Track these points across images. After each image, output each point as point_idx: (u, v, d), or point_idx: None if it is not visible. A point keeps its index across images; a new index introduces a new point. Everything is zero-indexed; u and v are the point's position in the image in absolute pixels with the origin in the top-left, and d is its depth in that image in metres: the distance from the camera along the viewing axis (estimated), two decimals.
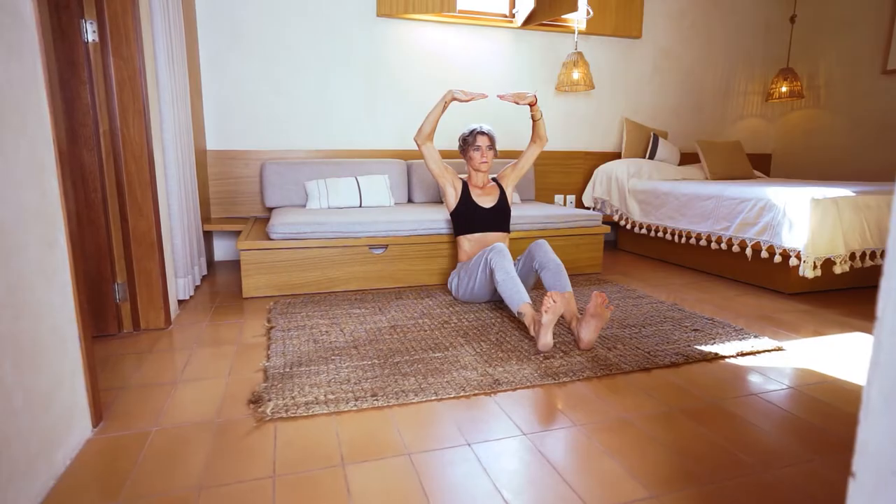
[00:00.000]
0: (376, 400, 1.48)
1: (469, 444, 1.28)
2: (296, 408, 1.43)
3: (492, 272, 2.10)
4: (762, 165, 4.67)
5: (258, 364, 1.76)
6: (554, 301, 1.81)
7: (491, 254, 2.14)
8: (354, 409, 1.45)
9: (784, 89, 4.24)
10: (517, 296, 1.99)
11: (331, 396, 1.50)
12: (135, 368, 1.72)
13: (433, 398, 1.51)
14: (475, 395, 1.54)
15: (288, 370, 1.68)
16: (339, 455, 1.23)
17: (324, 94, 3.44)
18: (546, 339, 1.80)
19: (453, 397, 1.52)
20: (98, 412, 1.35)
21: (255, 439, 1.30)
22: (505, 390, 1.57)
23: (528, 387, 1.59)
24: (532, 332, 1.89)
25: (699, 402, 1.49)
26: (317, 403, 1.45)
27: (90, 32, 1.84)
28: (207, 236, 3.29)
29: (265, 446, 1.27)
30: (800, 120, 4.47)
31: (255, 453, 1.24)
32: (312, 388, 1.55)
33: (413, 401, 1.49)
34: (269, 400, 1.47)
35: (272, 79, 3.33)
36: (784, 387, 1.60)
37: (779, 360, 1.81)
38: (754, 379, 1.66)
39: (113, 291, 2.01)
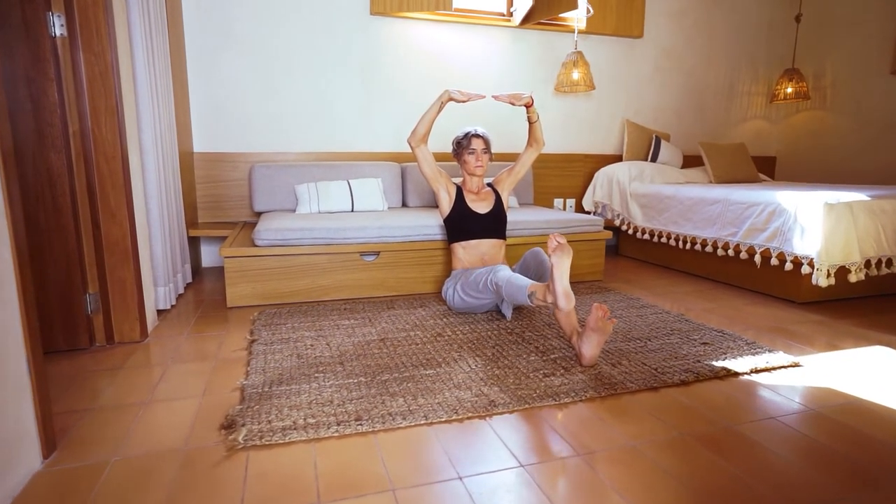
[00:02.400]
0: (360, 425, 1.35)
1: (461, 478, 1.15)
2: (271, 434, 1.30)
3: (497, 289, 1.97)
4: (766, 168, 4.56)
5: (236, 382, 1.63)
6: (558, 241, 1.68)
7: (491, 276, 2.01)
8: (336, 434, 1.32)
9: (789, 90, 4.12)
10: (521, 282, 1.86)
11: (311, 420, 1.37)
12: (103, 387, 1.60)
13: (423, 422, 1.38)
14: (468, 418, 1.41)
15: (267, 389, 1.55)
16: (316, 490, 1.11)
17: (316, 94, 3.32)
18: (563, 284, 1.64)
19: (444, 421, 1.40)
20: (50, 441, 1.22)
21: (224, 471, 1.17)
22: (501, 412, 1.44)
23: (525, 409, 1.46)
24: (549, 300, 1.72)
25: (713, 427, 1.37)
26: (295, 429, 1.33)
27: (58, 26, 1.72)
28: (194, 242, 3.16)
29: (234, 479, 1.14)
30: (805, 121, 4.36)
31: (222, 488, 1.11)
32: (291, 410, 1.42)
33: (401, 425, 1.37)
34: (243, 425, 1.34)
35: (262, 78, 3.22)
36: (805, 408, 1.48)
37: (796, 377, 1.69)
38: (772, 399, 1.53)
39: (84, 302, 1.88)
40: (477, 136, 2.31)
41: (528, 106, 2.26)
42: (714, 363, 1.76)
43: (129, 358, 1.83)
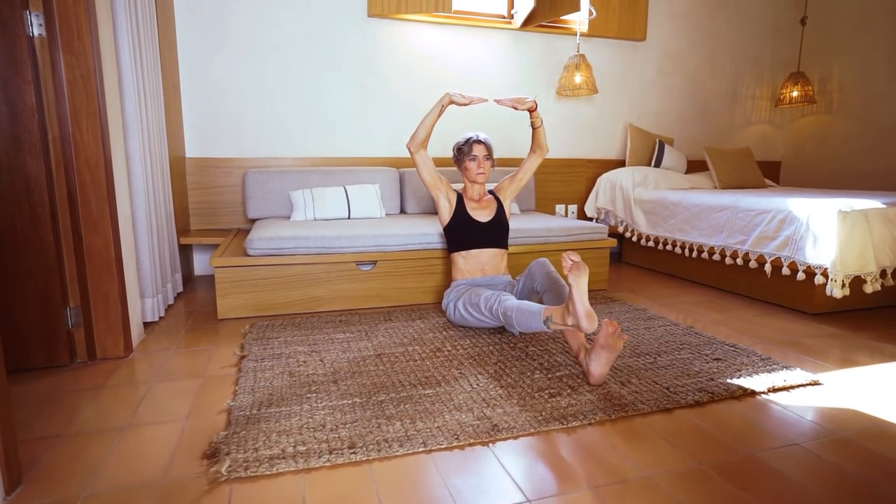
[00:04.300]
0: (354, 453, 1.25)
1: None
2: (257, 464, 1.21)
3: (506, 318, 1.84)
4: (771, 173, 4.48)
5: (223, 403, 1.53)
6: (573, 260, 1.58)
7: (497, 304, 1.89)
8: (327, 464, 1.22)
9: (795, 94, 4.05)
10: (534, 308, 1.73)
11: (301, 448, 1.27)
12: (80, 409, 1.50)
13: (421, 449, 1.29)
14: (470, 444, 1.32)
15: (255, 412, 1.46)
16: None
17: (312, 98, 3.24)
18: (584, 304, 1.53)
19: (445, 448, 1.30)
20: (14, 474, 1.12)
21: None
22: (505, 438, 1.35)
23: (531, 433, 1.37)
24: (569, 323, 1.59)
25: (734, 455, 1.27)
26: (283, 458, 1.23)
27: (35, 26, 1.63)
28: (186, 250, 3.07)
29: None
30: (811, 126, 4.28)
31: None
32: (280, 436, 1.33)
33: (397, 453, 1.27)
34: (228, 454, 1.24)
35: (256, 81, 3.13)
36: (829, 433, 1.38)
37: (817, 396, 1.59)
38: (793, 422, 1.44)
39: (64, 317, 1.79)
40: (479, 141, 2.22)
41: (531, 111, 2.18)
42: (729, 381, 1.67)
43: (111, 376, 1.74)
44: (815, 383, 1.67)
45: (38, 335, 1.76)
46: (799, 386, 1.65)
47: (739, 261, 2.70)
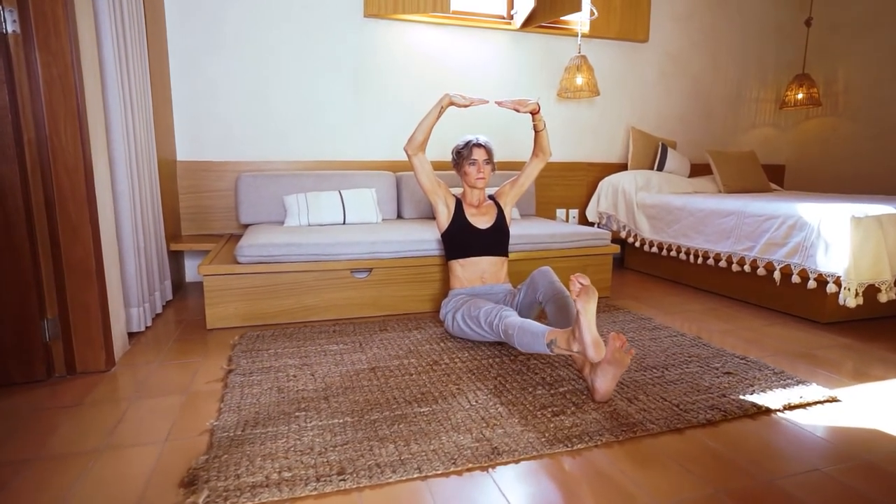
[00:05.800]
0: (343, 480, 1.16)
1: None
2: (238, 493, 1.12)
3: (508, 336, 1.74)
4: (775, 177, 4.40)
5: (205, 423, 1.44)
6: (581, 283, 1.48)
7: (498, 319, 1.80)
8: (314, 493, 1.13)
9: (800, 96, 3.97)
10: (537, 329, 1.64)
11: (286, 475, 1.18)
12: (53, 429, 1.41)
13: (416, 475, 1.20)
14: (468, 469, 1.23)
15: (239, 433, 1.37)
16: None
17: (307, 99, 3.15)
18: (592, 332, 1.45)
19: (441, 473, 1.21)
20: None
21: None
22: (506, 462, 1.26)
23: (533, 457, 1.28)
24: (574, 349, 1.51)
25: (752, 482, 1.19)
26: (266, 486, 1.14)
27: (9, 22, 1.54)
28: (177, 256, 2.98)
29: None
30: (816, 129, 4.21)
31: None
32: (265, 460, 1.24)
33: (390, 480, 1.18)
34: (207, 481, 1.15)
35: (250, 82, 3.04)
36: (852, 456, 1.29)
37: (836, 415, 1.50)
38: (812, 444, 1.35)
39: (41, 329, 1.70)
40: (478, 145, 2.13)
41: (533, 113, 2.09)
42: (742, 397, 1.58)
43: (90, 392, 1.64)
44: (833, 400, 1.59)
45: (13, 349, 1.67)
46: (816, 403, 1.57)
47: (747, 268, 2.61)
